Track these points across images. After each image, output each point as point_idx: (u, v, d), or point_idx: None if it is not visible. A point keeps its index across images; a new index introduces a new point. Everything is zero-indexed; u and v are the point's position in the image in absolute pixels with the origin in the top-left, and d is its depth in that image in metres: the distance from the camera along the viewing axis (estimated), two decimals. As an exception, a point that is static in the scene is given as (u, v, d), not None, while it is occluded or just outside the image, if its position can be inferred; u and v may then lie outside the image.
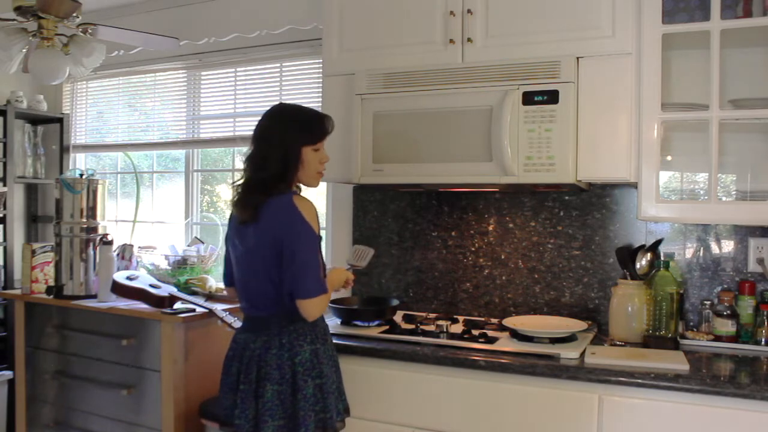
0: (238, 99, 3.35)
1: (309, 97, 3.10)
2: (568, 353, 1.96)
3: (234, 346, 2.00)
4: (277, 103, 2.07)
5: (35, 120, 3.81)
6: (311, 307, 1.85)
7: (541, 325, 2.23)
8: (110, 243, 3.01)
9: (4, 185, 3.52)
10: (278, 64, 3.24)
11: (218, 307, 2.65)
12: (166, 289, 2.85)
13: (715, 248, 2.31)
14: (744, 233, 2.26)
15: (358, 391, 2.15)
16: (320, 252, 1.90)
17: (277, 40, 3.10)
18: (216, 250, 3.29)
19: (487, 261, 2.61)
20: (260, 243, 1.88)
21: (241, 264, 1.98)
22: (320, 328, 1.97)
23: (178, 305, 2.70)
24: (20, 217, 3.80)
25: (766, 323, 2.11)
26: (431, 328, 2.31)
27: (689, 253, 2.34)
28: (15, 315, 3.19)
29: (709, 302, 2.24)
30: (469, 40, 2.25)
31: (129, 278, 2.91)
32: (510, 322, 2.25)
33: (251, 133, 1.90)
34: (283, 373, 1.86)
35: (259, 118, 2.00)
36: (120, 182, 3.89)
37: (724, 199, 2.25)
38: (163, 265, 3.23)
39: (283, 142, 1.90)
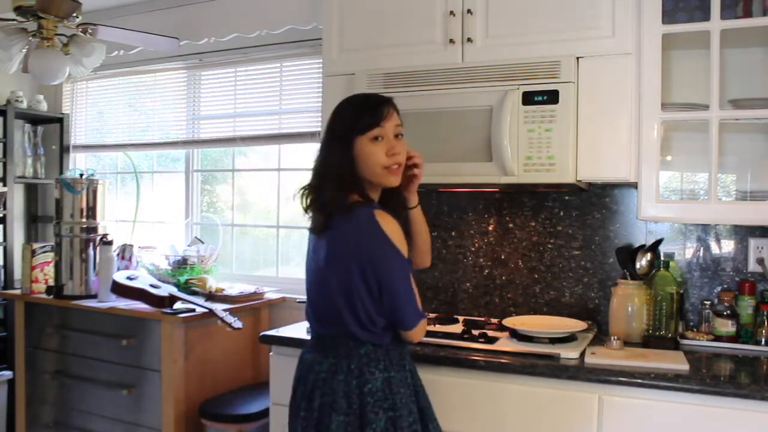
0: (238, 99, 3.35)
1: (309, 97, 3.11)
2: (568, 353, 1.96)
3: (300, 366, 1.81)
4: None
5: (35, 120, 3.81)
6: (413, 336, 1.73)
7: (541, 325, 2.22)
8: (110, 243, 3.01)
9: (4, 185, 3.52)
10: (278, 64, 3.24)
11: (218, 307, 2.65)
12: (166, 289, 2.85)
13: (715, 248, 2.31)
14: (744, 233, 2.26)
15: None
16: (411, 275, 1.71)
17: (277, 40, 3.10)
18: (216, 250, 3.29)
19: (487, 261, 2.61)
20: (333, 256, 1.69)
21: (311, 276, 1.80)
22: (396, 354, 1.74)
23: (178, 305, 2.70)
24: (20, 217, 3.80)
25: (766, 323, 2.10)
26: (431, 328, 2.31)
27: (689, 253, 2.33)
28: (15, 315, 3.19)
29: (709, 302, 2.24)
30: (469, 40, 2.25)
31: (129, 278, 2.92)
32: (510, 322, 2.24)
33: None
34: (350, 403, 1.66)
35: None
36: (120, 182, 3.89)
37: (724, 199, 2.24)
38: (163, 265, 3.23)
39: (335, 135, 1.72)
